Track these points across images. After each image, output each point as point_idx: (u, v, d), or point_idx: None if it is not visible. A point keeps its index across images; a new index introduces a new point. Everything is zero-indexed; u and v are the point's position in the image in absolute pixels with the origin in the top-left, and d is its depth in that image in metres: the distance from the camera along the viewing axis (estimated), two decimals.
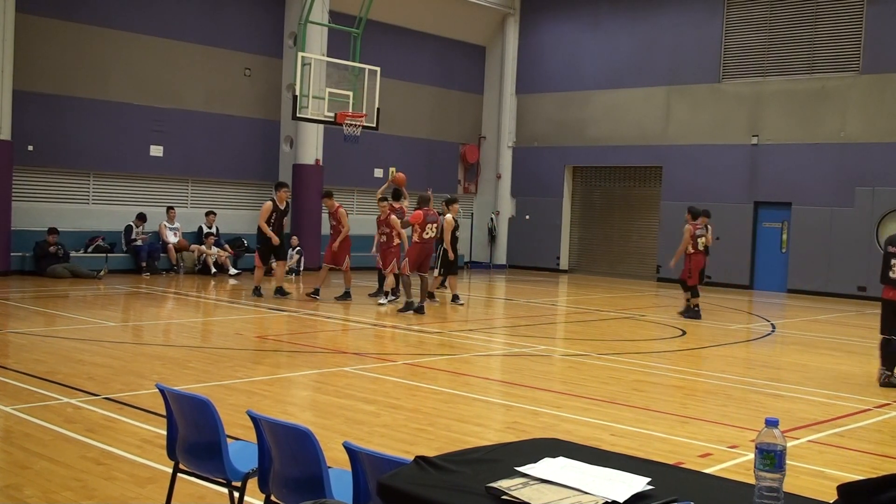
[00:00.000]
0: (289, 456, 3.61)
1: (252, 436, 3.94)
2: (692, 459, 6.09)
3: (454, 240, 15.55)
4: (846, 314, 17.07)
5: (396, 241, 14.90)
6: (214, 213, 20.16)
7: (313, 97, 17.40)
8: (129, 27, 19.13)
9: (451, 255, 15.36)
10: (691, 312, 14.86)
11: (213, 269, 19.11)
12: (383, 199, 15.14)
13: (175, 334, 11.65)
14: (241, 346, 10.37)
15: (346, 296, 15.26)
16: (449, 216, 15.30)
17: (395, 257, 14.85)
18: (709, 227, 15.28)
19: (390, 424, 6.82)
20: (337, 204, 15.66)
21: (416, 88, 24.50)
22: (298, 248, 20.54)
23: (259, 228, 15.34)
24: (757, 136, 21.45)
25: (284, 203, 15.48)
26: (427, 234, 14.27)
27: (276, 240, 15.23)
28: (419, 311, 13.89)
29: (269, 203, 15.30)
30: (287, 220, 21.81)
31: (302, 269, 20.49)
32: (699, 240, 14.84)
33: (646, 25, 23.37)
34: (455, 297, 15.54)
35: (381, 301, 14.94)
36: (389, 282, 15.05)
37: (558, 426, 7.00)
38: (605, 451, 2.88)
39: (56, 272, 17.14)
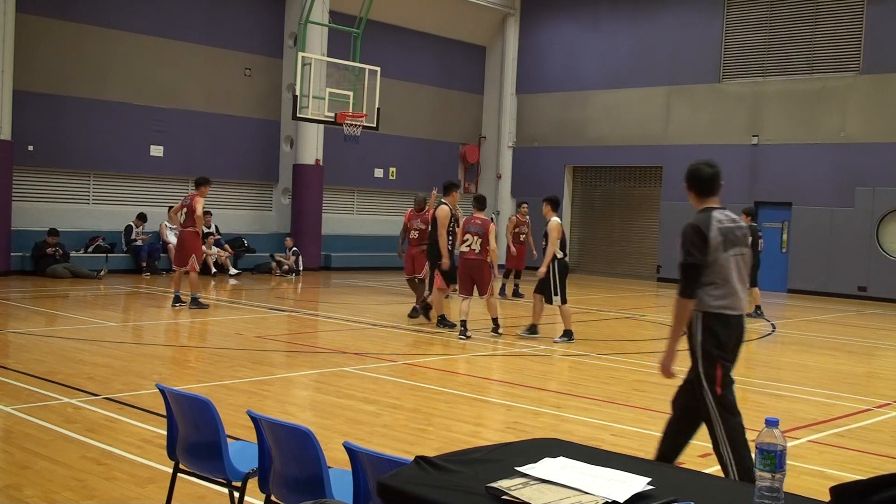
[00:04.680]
0: (289, 456, 3.61)
1: (252, 436, 3.94)
2: (692, 459, 6.09)
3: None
4: (846, 314, 17.06)
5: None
6: (211, 213, 20.13)
7: (313, 97, 17.40)
8: (129, 27, 19.13)
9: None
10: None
11: (214, 270, 19.10)
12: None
13: (175, 334, 11.65)
14: (241, 346, 10.37)
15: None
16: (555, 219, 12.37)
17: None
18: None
19: (390, 424, 6.82)
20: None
21: (416, 88, 24.50)
22: (294, 248, 20.53)
23: (436, 240, 12.27)
24: (757, 136, 21.44)
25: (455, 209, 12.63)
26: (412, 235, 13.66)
27: (445, 260, 12.14)
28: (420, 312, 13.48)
29: (446, 207, 12.32)
30: (287, 221, 21.99)
31: (301, 269, 20.49)
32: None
33: (646, 25, 23.36)
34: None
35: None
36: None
37: (558, 426, 7.00)
38: (605, 451, 2.88)
39: (56, 272, 17.15)
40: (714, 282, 4.78)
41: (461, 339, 11.46)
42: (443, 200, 12.62)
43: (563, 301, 11.61)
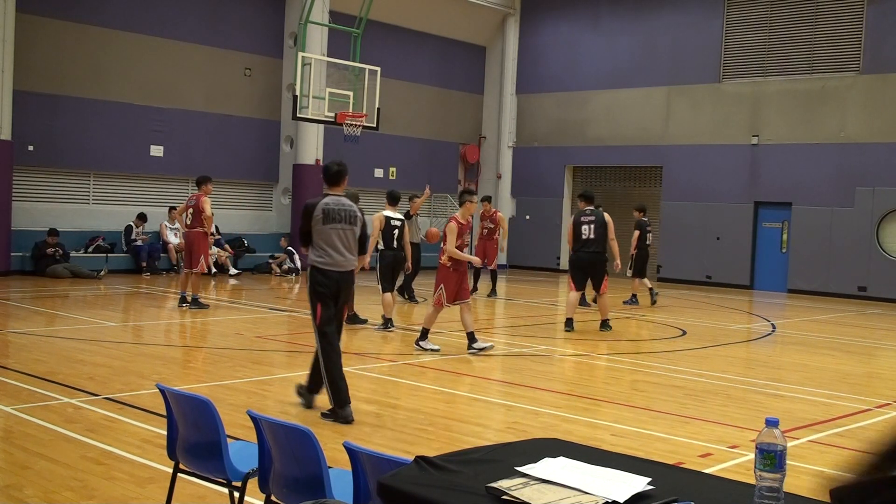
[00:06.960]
0: (289, 456, 3.61)
1: (252, 436, 3.94)
2: (692, 459, 6.09)
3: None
4: (846, 314, 17.06)
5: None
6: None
7: (313, 97, 17.40)
8: (128, 27, 19.13)
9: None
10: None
11: (214, 270, 19.10)
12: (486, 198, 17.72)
13: (175, 334, 11.65)
14: (241, 346, 10.37)
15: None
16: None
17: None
18: None
19: (390, 424, 6.82)
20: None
21: (416, 88, 24.50)
22: (289, 248, 20.52)
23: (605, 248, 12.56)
24: (757, 136, 21.44)
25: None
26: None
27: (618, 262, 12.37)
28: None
29: (608, 215, 12.32)
30: (287, 221, 21.98)
31: (300, 268, 20.47)
32: None
33: (646, 25, 23.36)
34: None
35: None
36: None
37: (558, 426, 6.99)
38: (605, 451, 2.88)
39: (56, 272, 17.15)
40: (318, 246, 6.84)
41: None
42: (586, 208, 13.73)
43: (384, 290, 12.32)
